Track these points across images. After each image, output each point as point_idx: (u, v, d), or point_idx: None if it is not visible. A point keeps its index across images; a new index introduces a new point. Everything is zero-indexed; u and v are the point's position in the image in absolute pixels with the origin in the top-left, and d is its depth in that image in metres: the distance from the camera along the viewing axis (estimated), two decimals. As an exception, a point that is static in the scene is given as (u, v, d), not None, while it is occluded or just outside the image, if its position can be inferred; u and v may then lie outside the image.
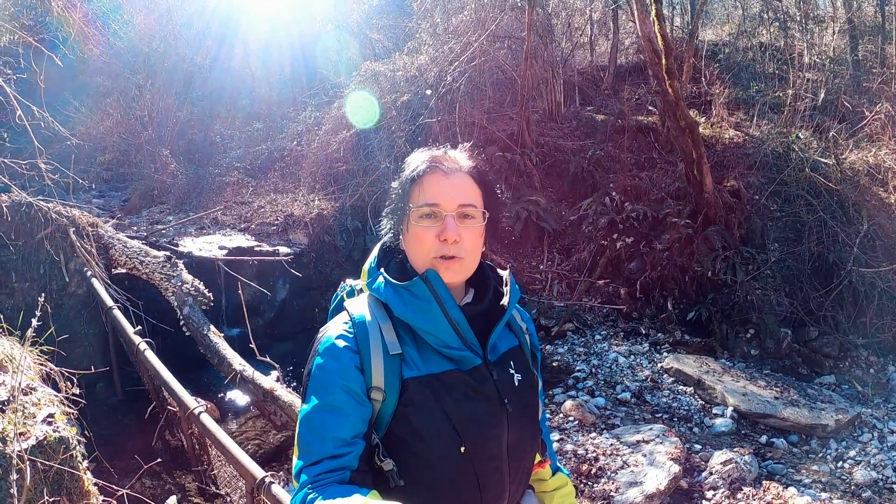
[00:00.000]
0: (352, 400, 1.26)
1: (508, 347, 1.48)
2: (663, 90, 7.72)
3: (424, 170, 1.38)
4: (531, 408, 1.49)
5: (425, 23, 11.47)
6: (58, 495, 2.97)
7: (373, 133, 10.90)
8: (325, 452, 1.22)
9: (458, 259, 1.36)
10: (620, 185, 9.46)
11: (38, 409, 3.21)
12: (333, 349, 1.31)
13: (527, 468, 1.51)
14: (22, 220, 6.26)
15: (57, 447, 3.03)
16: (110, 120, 11.48)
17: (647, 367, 7.55)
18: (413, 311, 1.32)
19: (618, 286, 8.81)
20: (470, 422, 1.31)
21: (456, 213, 1.35)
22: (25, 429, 2.95)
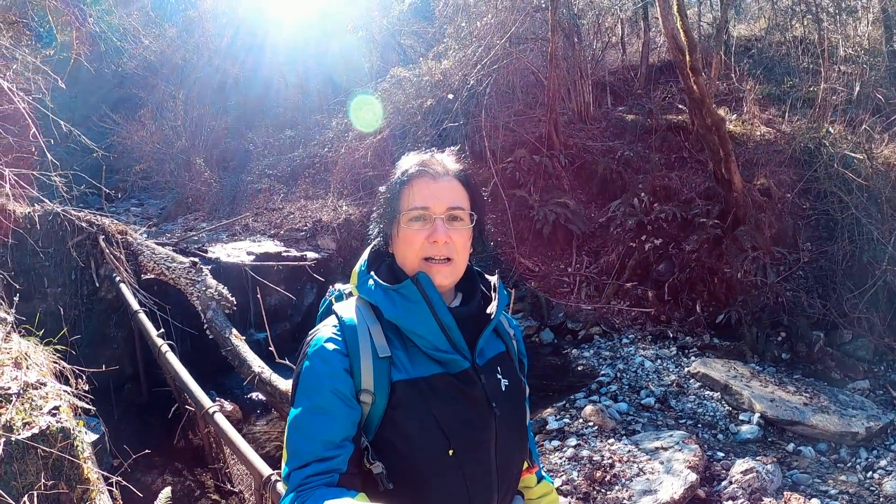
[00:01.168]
0: (341, 402, 1.27)
1: (496, 353, 1.50)
2: (689, 87, 7.53)
3: (413, 174, 1.40)
4: (518, 413, 1.50)
5: (450, 27, 11.47)
6: (57, 480, 3.05)
7: (398, 138, 10.96)
8: (313, 455, 1.23)
9: (449, 261, 1.38)
10: (649, 185, 9.25)
11: (45, 402, 3.32)
12: (322, 352, 1.31)
13: (515, 473, 1.52)
14: (53, 228, 6.48)
15: (58, 437, 3.12)
16: (145, 130, 11.86)
17: (673, 371, 7.34)
18: (403, 313, 1.34)
19: (646, 289, 8.59)
20: (458, 425, 1.32)
21: (445, 216, 1.38)
22: (31, 419, 3.05)
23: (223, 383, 7.90)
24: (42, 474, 2.97)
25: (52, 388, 3.54)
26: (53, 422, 3.18)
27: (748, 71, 11.11)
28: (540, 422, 6.42)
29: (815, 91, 9.63)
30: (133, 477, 5.78)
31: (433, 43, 11.91)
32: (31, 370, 3.64)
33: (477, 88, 10.16)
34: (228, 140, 12.98)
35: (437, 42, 11.78)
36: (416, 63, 11.71)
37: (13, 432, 2.92)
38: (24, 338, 4.32)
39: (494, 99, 10.75)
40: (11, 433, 2.91)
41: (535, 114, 10.99)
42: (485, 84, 10.16)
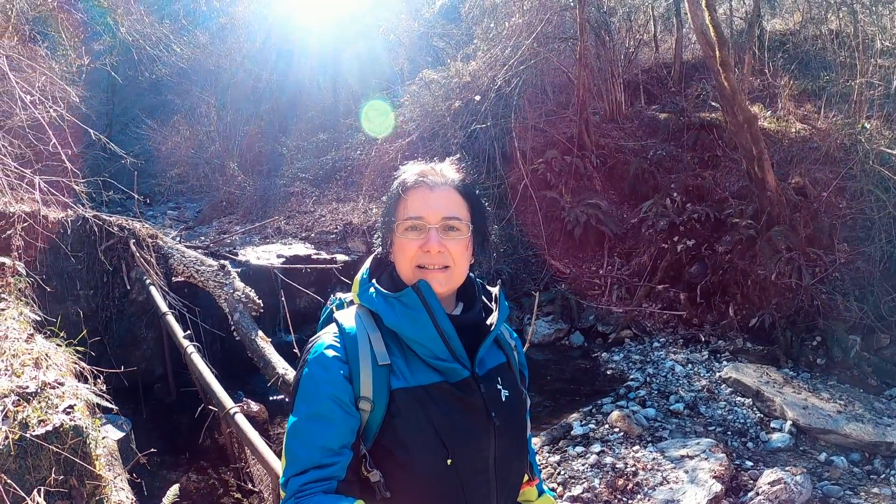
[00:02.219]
0: (339, 409, 1.27)
1: (496, 363, 1.49)
2: (719, 83, 7.29)
3: (410, 184, 1.41)
4: (518, 424, 1.49)
5: (478, 28, 11.42)
6: (68, 476, 3.12)
7: (427, 140, 10.95)
8: (311, 462, 1.23)
9: (445, 269, 1.38)
10: (682, 185, 9.01)
11: (61, 400, 3.39)
12: (322, 359, 1.32)
13: (514, 484, 1.51)
14: (85, 232, 6.67)
15: (71, 434, 3.19)
16: (179, 135, 12.14)
17: (704, 376, 7.12)
18: (403, 321, 1.34)
19: (678, 291, 8.37)
20: (456, 433, 1.32)
21: (439, 226, 1.38)
22: (46, 417, 3.13)
23: (252, 384, 8.01)
24: (53, 470, 3.04)
25: (69, 388, 3.62)
26: (67, 420, 3.25)
27: (782, 66, 10.73)
28: (565, 427, 6.31)
29: (852, 86, 9.24)
30: (159, 474, 5.93)
31: (464, 44, 11.87)
32: (50, 370, 3.73)
33: (505, 89, 10.08)
34: (262, 144, 13.21)
35: (467, 44, 11.74)
36: (444, 65, 11.69)
37: (28, 429, 3.00)
38: (48, 339, 4.44)
39: (525, 100, 10.65)
40: (27, 430, 2.99)
41: (565, 114, 10.84)
42: (513, 85, 10.07)
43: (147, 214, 11.49)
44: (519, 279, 10.60)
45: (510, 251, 10.86)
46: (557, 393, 7.62)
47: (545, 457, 5.78)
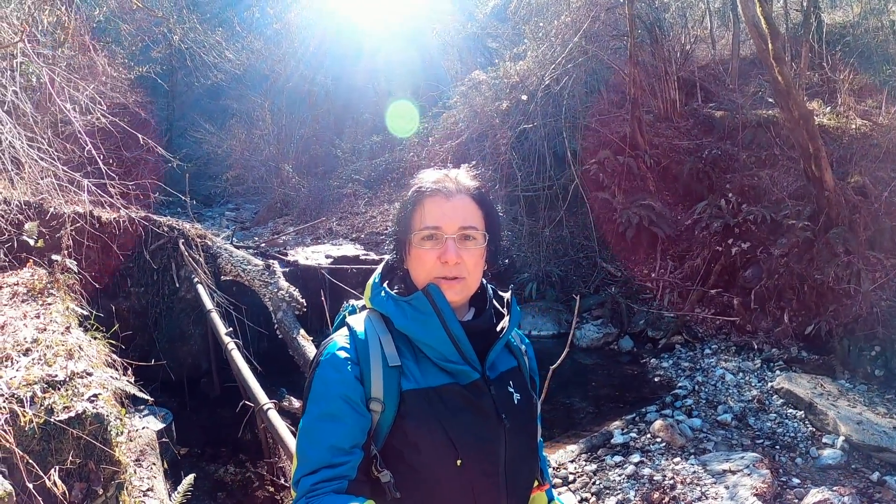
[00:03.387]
0: (351, 409, 1.28)
1: (507, 367, 1.50)
2: (773, 78, 6.90)
3: (425, 192, 1.40)
4: (529, 427, 1.49)
5: (526, 27, 11.27)
6: (86, 460, 3.25)
7: (476, 141, 10.89)
8: (322, 461, 1.24)
9: (460, 279, 1.38)
10: (737, 185, 8.59)
11: (87, 389, 3.52)
12: (334, 360, 1.33)
13: (524, 487, 1.49)
14: (136, 232, 6.95)
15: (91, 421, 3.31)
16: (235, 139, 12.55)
17: (755, 386, 6.77)
18: (413, 324, 1.35)
19: (732, 296, 7.98)
20: (466, 435, 1.32)
21: (457, 236, 1.37)
22: (71, 404, 3.27)
23: (297, 382, 8.17)
24: (72, 453, 3.17)
25: (97, 378, 3.75)
26: (90, 407, 3.37)
27: (841, 60, 10.06)
28: (605, 435, 6.13)
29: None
30: (198, 465, 6.12)
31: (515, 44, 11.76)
32: (81, 361, 3.87)
33: (554, 88, 9.90)
34: (317, 146, 13.49)
35: (517, 44, 11.61)
36: (493, 65, 11.62)
37: (53, 414, 3.14)
38: (87, 333, 4.64)
39: (575, 99, 10.43)
40: (52, 415, 3.13)
41: (619, 113, 10.55)
42: (562, 84, 9.88)
43: (206, 215, 11.95)
44: (569, 281, 10.40)
45: (561, 253, 10.67)
46: (601, 399, 7.42)
47: (581, 465, 5.62)
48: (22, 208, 5.05)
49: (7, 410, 3.05)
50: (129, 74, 8.22)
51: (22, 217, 5.02)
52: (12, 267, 4.89)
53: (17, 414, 3.05)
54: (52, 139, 5.54)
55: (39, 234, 5.17)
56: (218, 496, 5.58)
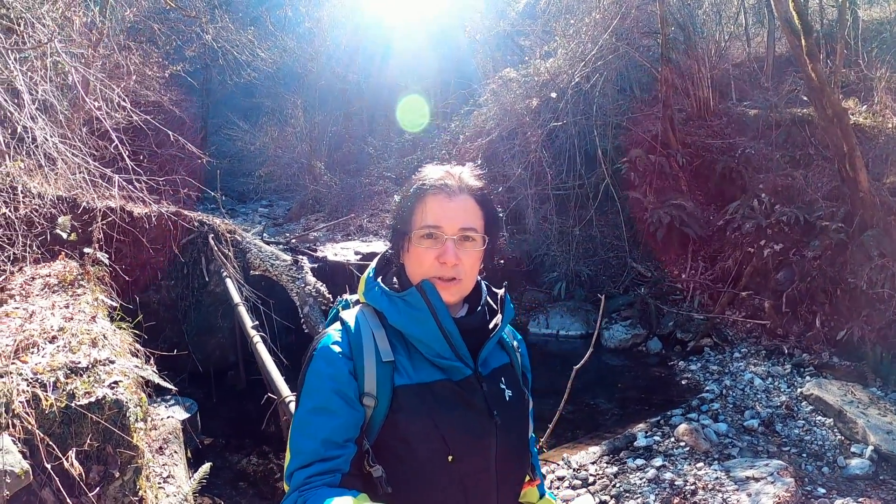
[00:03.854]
0: (344, 403, 1.28)
1: (500, 364, 1.50)
2: (807, 75, 6.68)
3: (428, 189, 1.38)
4: (521, 424, 1.49)
5: (556, 25, 11.16)
6: (104, 444, 3.36)
7: (506, 139, 10.84)
8: (316, 455, 1.24)
9: (457, 281, 1.38)
10: (771, 185, 8.35)
11: (108, 376, 3.64)
12: (327, 354, 1.34)
13: (515, 483, 1.51)
14: (169, 227, 7.13)
15: (109, 406, 3.42)
16: (268, 136, 12.75)
17: (784, 391, 6.60)
18: (407, 320, 1.36)
19: (763, 299, 7.77)
20: (458, 431, 1.32)
21: (457, 237, 1.36)
22: (92, 389, 3.39)
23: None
24: (91, 436, 3.28)
25: (118, 366, 3.87)
26: (110, 394, 3.49)
27: (878, 57, 9.65)
28: (628, 437, 6.05)
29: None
30: (221, 455, 6.25)
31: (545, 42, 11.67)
32: (104, 349, 3.99)
33: (584, 86, 9.79)
34: (349, 144, 13.61)
35: (547, 41, 11.52)
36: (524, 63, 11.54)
37: (74, 399, 3.25)
38: (113, 323, 4.79)
39: (607, 97, 10.30)
40: (73, 400, 3.24)
41: (650, 111, 10.38)
42: (593, 81, 9.76)
43: (239, 211, 12.19)
44: (598, 281, 10.29)
45: (590, 252, 10.56)
46: (627, 401, 7.34)
47: (602, 467, 5.56)
48: (55, 203, 5.22)
49: (30, 394, 3.18)
50: (164, 73, 8.45)
51: (55, 211, 5.19)
52: (45, 259, 5.06)
53: (40, 398, 3.17)
54: (86, 136, 5.73)
55: (72, 228, 5.35)
56: (239, 486, 5.69)
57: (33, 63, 4.58)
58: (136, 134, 6.85)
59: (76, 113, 5.35)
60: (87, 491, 3.19)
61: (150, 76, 8.05)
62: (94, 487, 3.25)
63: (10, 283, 4.52)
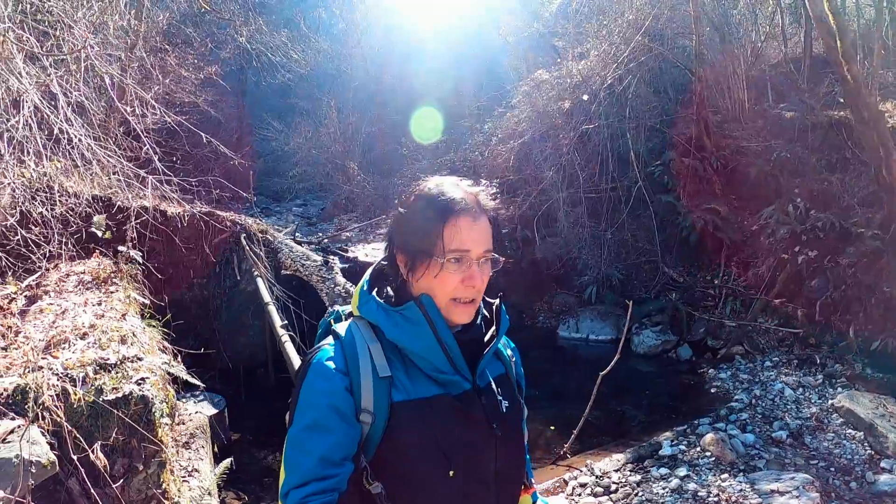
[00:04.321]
0: (341, 420, 1.27)
1: (496, 375, 1.51)
2: (842, 77, 6.49)
3: (457, 211, 1.35)
4: (518, 433, 1.51)
5: (588, 26, 11.06)
6: (129, 437, 3.47)
7: (539, 141, 10.78)
8: (312, 474, 1.23)
9: (476, 302, 1.39)
10: (806, 190, 8.13)
11: (136, 373, 3.76)
12: (323, 370, 1.32)
13: (514, 494, 1.52)
14: (201, 227, 7.29)
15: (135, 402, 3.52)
16: (302, 137, 12.92)
17: (815, 403, 6.43)
18: (405, 335, 1.34)
19: (796, 307, 7.58)
20: (459, 445, 1.33)
21: (482, 260, 1.37)
22: (119, 385, 3.51)
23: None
24: (116, 430, 3.39)
25: (146, 363, 3.99)
26: (137, 390, 3.61)
27: None
28: (653, 445, 5.98)
29: None
30: (248, 451, 6.37)
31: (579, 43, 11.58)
32: (133, 346, 4.12)
33: (617, 88, 9.68)
34: (383, 144, 13.71)
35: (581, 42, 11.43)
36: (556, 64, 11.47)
37: (102, 395, 3.37)
38: (144, 321, 4.93)
39: (641, 99, 10.17)
40: (100, 395, 3.36)
41: (684, 113, 10.21)
42: (625, 83, 9.65)
43: (274, 210, 12.40)
44: (630, 286, 10.18)
45: (622, 256, 10.45)
46: (654, 408, 7.25)
47: (625, 475, 5.51)
48: (91, 202, 5.39)
49: (60, 388, 3.31)
50: (199, 75, 8.66)
51: (90, 210, 5.36)
52: (80, 257, 5.22)
53: (69, 392, 3.29)
54: (121, 137, 5.91)
55: (107, 227, 5.52)
56: (264, 482, 5.79)
57: (69, 66, 4.75)
58: (172, 135, 7.02)
59: (111, 115, 5.52)
60: (112, 482, 3.30)
61: (186, 78, 8.28)
62: (118, 479, 3.36)
63: (45, 279, 4.69)
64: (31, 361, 3.41)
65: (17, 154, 4.44)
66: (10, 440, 2.83)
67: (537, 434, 6.63)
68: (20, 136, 4.34)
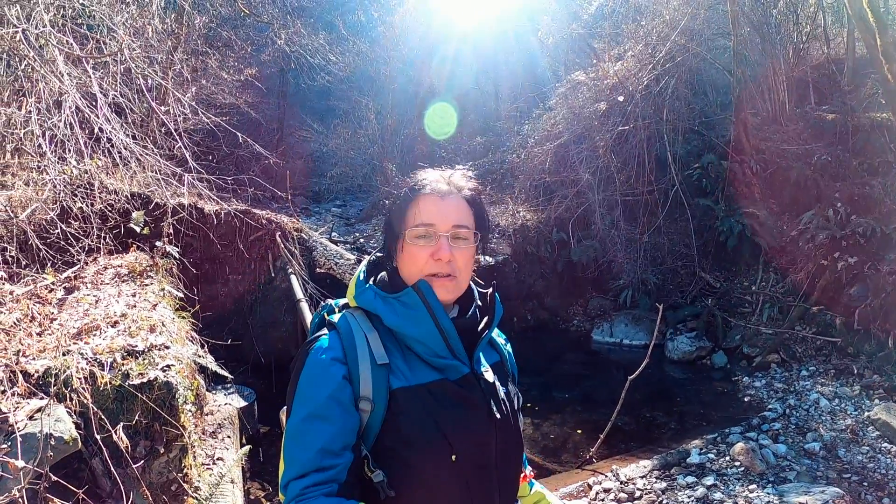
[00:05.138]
0: (339, 409, 1.28)
1: (492, 362, 1.54)
2: (882, 76, 6.25)
3: (420, 191, 1.43)
4: (515, 418, 1.51)
5: (625, 26, 10.91)
6: (154, 421, 3.62)
7: (574, 143, 10.69)
8: (312, 464, 1.24)
9: (452, 278, 1.41)
10: (847, 194, 7.85)
11: (162, 360, 3.92)
12: (320, 360, 1.34)
13: (513, 478, 1.52)
14: (239, 224, 7.49)
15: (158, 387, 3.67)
16: (340, 138, 13.11)
17: (851, 414, 6.20)
18: (403, 320, 1.37)
19: (835, 314, 7.32)
20: (460, 429, 1.34)
21: (450, 234, 1.40)
22: (145, 371, 3.66)
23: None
24: (140, 414, 3.54)
25: (173, 351, 4.14)
26: (161, 376, 3.75)
27: None
28: (682, 453, 5.88)
29: None
30: (276, 444, 6.46)
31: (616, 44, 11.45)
32: (161, 335, 4.28)
33: (654, 89, 9.53)
34: (421, 146, 13.79)
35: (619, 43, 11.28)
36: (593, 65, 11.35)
37: (128, 379, 3.53)
38: (175, 312, 5.11)
39: (679, 101, 9.98)
40: (126, 380, 3.52)
41: (723, 115, 9.98)
42: (662, 84, 9.49)
43: (312, 210, 12.61)
44: (665, 290, 10.01)
45: (658, 260, 10.27)
46: (685, 415, 7.11)
47: (651, 482, 5.43)
48: (129, 199, 5.62)
49: (88, 372, 3.47)
50: (240, 77, 8.91)
51: (129, 206, 5.58)
52: (118, 251, 5.44)
53: (97, 376, 3.46)
54: (160, 137, 6.14)
55: (144, 223, 5.74)
56: (290, 474, 5.88)
57: (109, 68, 4.97)
58: (211, 135, 7.24)
59: (151, 115, 5.74)
60: (132, 463, 3.45)
61: (227, 80, 8.53)
62: (139, 461, 3.51)
63: (84, 271, 4.91)
64: (62, 346, 3.59)
65: (59, 152, 4.66)
66: (37, 418, 2.99)
67: (564, 437, 6.60)
68: (61, 135, 4.56)
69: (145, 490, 3.41)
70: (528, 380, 8.05)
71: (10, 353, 3.31)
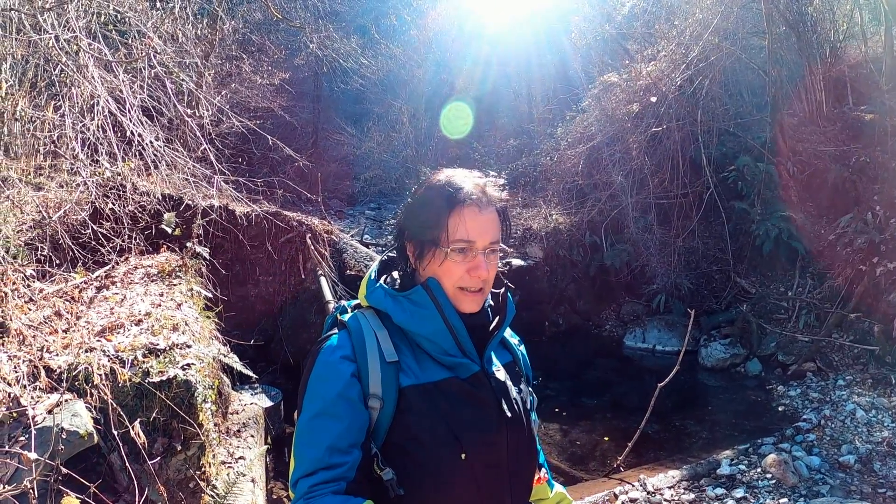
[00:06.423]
0: (348, 407, 1.29)
1: (504, 362, 1.54)
2: (924, 75, 6.00)
3: (462, 202, 1.37)
4: (527, 418, 1.51)
5: (658, 26, 10.72)
6: (172, 419, 3.69)
7: (607, 145, 10.56)
8: (320, 462, 1.25)
9: (482, 291, 1.41)
10: (886, 197, 7.53)
11: (183, 359, 4.00)
12: (330, 358, 1.35)
13: (526, 479, 1.52)
14: (270, 226, 7.60)
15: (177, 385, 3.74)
16: (374, 141, 13.22)
17: (888, 426, 5.96)
18: (413, 318, 1.38)
19: (873, 322, 7.05)
20: (470, 428, 1.35)
21: (487, 251, 1.39)
22: (165, 369, 3.75)
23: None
24: (158, 411, 3.62)
25: (194, 350, 4.23)
26: (181, 374, 3.83)
27: None
28: (712, 463, 5.75)
29: None
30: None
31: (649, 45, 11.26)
32: (184, 334, 4.36)
33: (687, 89, 9.34)
34: (455, 149, 13.80)
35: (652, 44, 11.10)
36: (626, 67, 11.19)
37: (148, 377, 3.61)
38: (201, 312, 5.21)
39: (714, 102, 9.76)
40: (146, 378, 3.60)
41: (759, 116, 9.71)
42: (696, 84, 9.28)
43: (346, 213, 12.74)
44: (699, 295, 9.80)
45: (692, 265, 10.06)
46: (717, 425, 6.96)
47: (679, 492, 5.33)
48: (161, 200, 5.76)
49: (109, 368, 3.56)
50: (274, 80, 9.07)
51: (160, 208, 5.72)
52: (149, 252, 5.59)
53: (117, 372, 3.55)
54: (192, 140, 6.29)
55: (175, 224, 5.88)
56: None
57: (142, 73, 5.11)
58: (243, 138, 7.37)
59: (183, 119, 5.89)
60: (149, 459, 3.52)
61: (260, 84, 8.69)
62: (156, 457, 3.58)
63: (114, 271, 5.05)
64: (85, 343, 3.70)
65: (92, 155, 4.82)
66: (55, 412, 3.09)
67: (593, 444, 6.51)
68: (94, 138, 4.71)
69: (161, 486, 3.47)
70: (558, 385, 7.97)
71: (34, 349, 3.42)
